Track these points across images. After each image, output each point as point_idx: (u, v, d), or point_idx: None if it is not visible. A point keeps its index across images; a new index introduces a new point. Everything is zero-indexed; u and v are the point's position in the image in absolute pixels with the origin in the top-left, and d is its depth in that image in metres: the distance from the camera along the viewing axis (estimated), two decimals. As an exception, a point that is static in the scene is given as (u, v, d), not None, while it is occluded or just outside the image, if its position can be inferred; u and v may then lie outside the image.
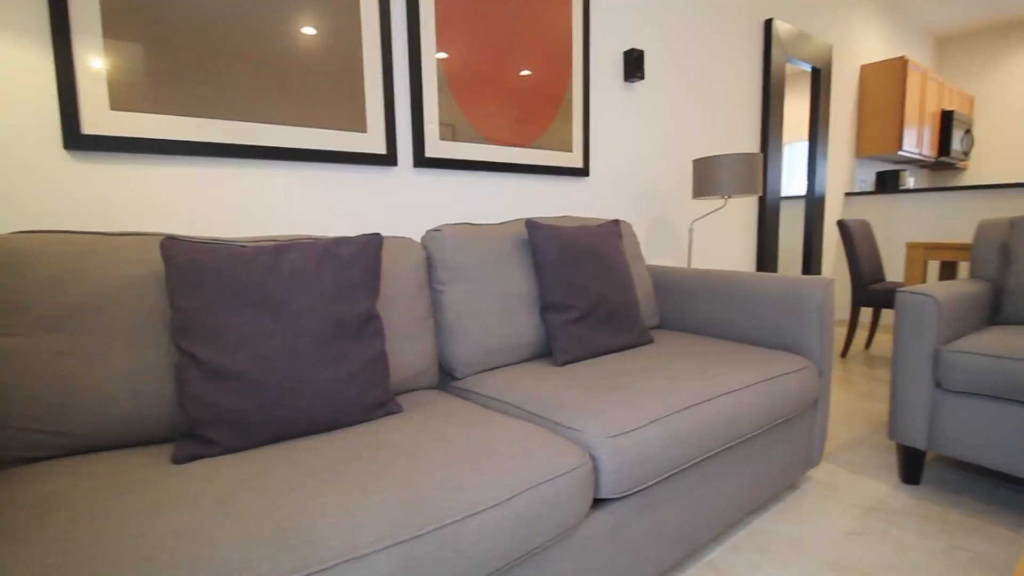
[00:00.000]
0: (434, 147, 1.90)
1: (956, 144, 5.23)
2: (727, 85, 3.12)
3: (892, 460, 1.83)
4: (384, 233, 1.82)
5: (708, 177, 2.38)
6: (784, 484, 1.54)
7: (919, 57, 5.55)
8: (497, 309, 1.50)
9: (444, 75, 1.90)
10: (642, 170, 2.67)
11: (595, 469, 0.99)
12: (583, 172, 2.37)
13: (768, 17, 3.36)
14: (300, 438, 1.02)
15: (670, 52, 2.74)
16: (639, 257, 2.01)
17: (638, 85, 2.60)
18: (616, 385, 1.22)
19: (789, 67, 3.72)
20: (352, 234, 1.75)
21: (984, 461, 1.48)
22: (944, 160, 5.18)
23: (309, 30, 1.58)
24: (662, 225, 2.81)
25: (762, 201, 3.48)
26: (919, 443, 1.59)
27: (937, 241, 2.71)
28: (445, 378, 1.52)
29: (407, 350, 1.34)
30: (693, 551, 1.31)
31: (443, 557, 0.73)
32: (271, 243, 1.15)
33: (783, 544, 1.37)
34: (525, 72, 2.13)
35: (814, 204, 4.02)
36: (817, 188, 4.03)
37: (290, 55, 1.56)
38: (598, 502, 1.04)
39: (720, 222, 3.21)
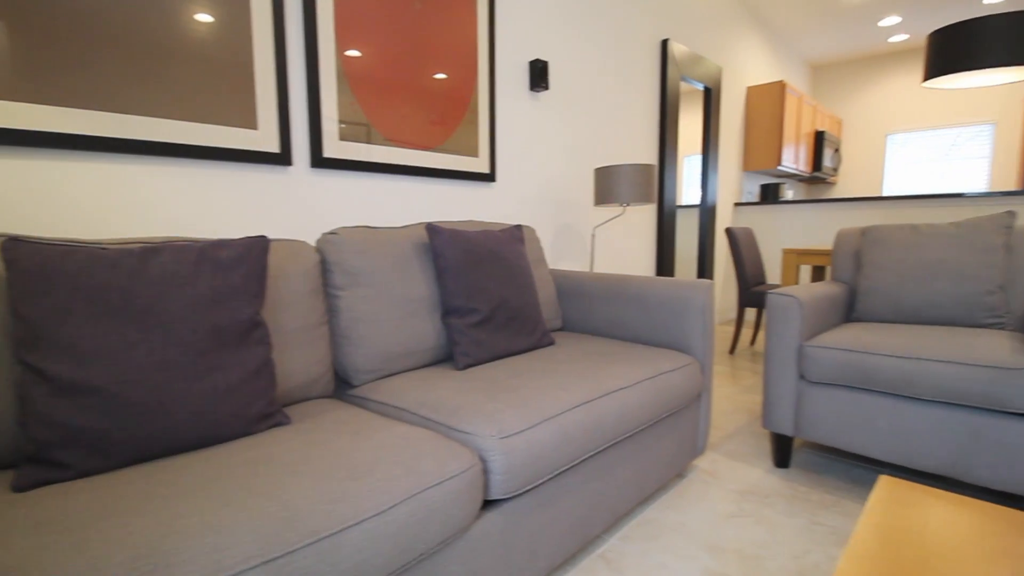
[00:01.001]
0: (333, 147, 1.84)
1: (827, 161, 5.88)
2: (628, 99, 3.30)
3: (767, 447, 2.02)
4: (279, 237, 1.73)
5: (608, 185, 2.49)
6: (672, 474, 1.64)
7: (796, 82, 6.18)
8: (396, 314, 1.48)
9: (344, 73, 1.85)
10: (548, 177, 2.75)
11: (485, 471, 1.00)
12: (489, 178, 2.40)
13: (665, 38, 3.59)
14: (171, 456, 0.94)
15: (574, 65, 2.85)
16: (542, 261, 2.06)
17: (543, 95, 2.67)
18: (512, 387, 1.25)
19: (684, 86, 4.00)
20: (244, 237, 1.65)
21: (841, 444, 1.67)
22: (817, 175, 5.80)
23: (194, 15, 1.48)
24: (568, 231, 2.91)
25: (660, 209, 3.71)
26: (787, 430, 1.77)
27: (808, 248, 3.03)
28: (342, 386, 1.47)
29: (298, 358, 1.29)
30: (586, 544, 1.37)
31: (319, 571, 0.71)
32: (139, 245, 1.06)
33: (669, 530, 1.46)
34: (431, 76, 2.12)
35: (707, 213, 4.34)
36: (709, 198, 4.36)
37: (171, 41, 1.44)
38: (489, 503, 1.05)
39: (622, 228, 3.38)
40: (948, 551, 0.80)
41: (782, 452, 1.83)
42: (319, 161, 1.79)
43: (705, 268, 4.43)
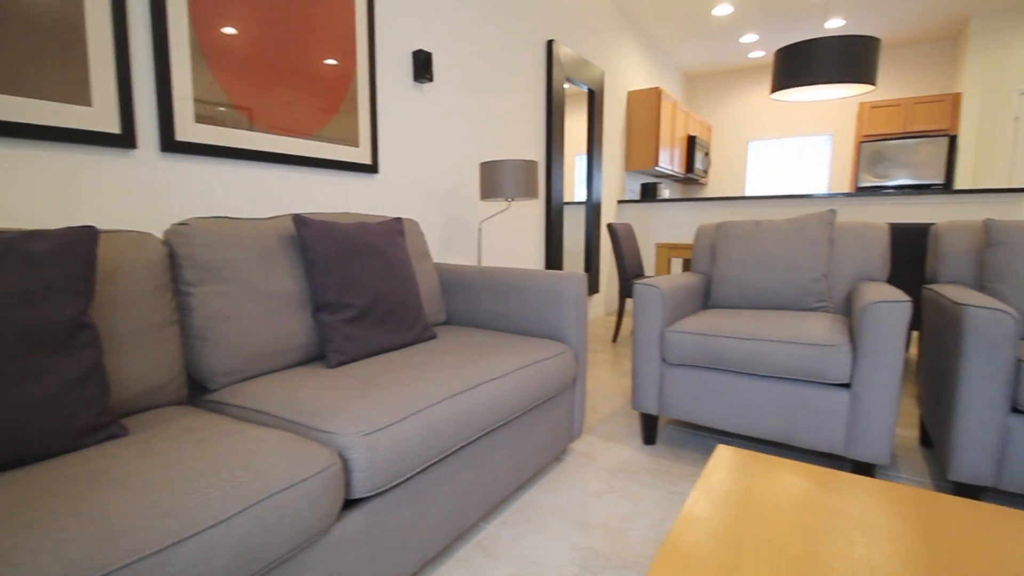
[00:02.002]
0: (188, 130, 1.68)
1: (698, 164, 6.43)
2: (515, 96, 3.36)
3: (638, 427, 2.17)
4: (124, 229, 1.55)
5: (493, 180, 2.53)
6: (549, 458, 1.71)
7: (672, 89, 6.68)
8: (260, 311, 1.38)
9: (201, 48, 1.69)
10: (435, 171, 2.73)
11: (347, 469, 0.97)
12: (371, 169, 2.33)
13: (550, 38, 3.71)
14: (-38, 482, 0.81)
15: (460, 58, 2.84)
16: (426, 255, 2.04)
17: (428, 87, 2.64)
18: (383, 383, 1.22)
19: (571, 88, 4.15)
20: (73, 227, 1.45)
21: (697, 419, 1.85)
22: (690, 176, 6.32)
23: (-6, -30, 1.26)
24: (456, 225, 2.91)
25: (548, 205, 3.84)
26: (652, 410, 1.92)
27: (677, 242, 3.29)
28: (198, 391, 1.35)
29: (140, 362, 1.16)
30: (462, 533, 1.39)
31: (142, 593, 0.65)
32: (-83, 236, 0.90)
33: (544, 513, 1.53)
34: (305, 59, 2.01)
35: (592, 209, 4.56)
36: (595, 195, 4.58)
37: (-37, -2, 1.23)
38: (353, 502, 1.02)
39: (511, 223, 3.44)
40: (767, 507, 0.91)
41: (649, 430, 1.98)
42: (171, 145, 1.63)
43: (591, 262, 4.66)
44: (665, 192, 5.91)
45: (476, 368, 1.37)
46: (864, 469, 1.59)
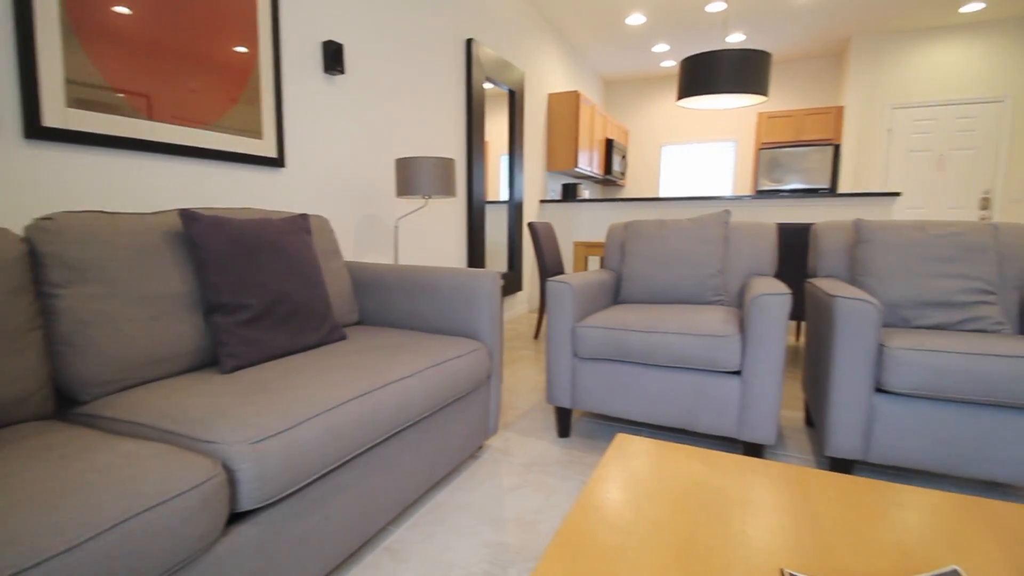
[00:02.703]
0: (58, 115, 1.51)
1: (616, 166, 6.67)
2: (434, 94, 3.32)
3: (554, 421, 2.22)
4: (-29, 222, 1.37)
5: (409, 177, 2.48)
6: (464, 456, 1.71)
7: (591, 93, 6.89)
8: (142, 315, 1.27)
9: (73, 26, 1.52)
10: (349, 167, 2.64)
11: (232, 481, 0.92)
12: (277, 163, 2.21)
13: (469, 37, 3.70)
14: None
15: (375, 52, 2.77)
16: (335, 253, 1.97)
17: (340, 79, 2.55)
18: (280, 387, 1.16)
19: (493, 88, 4.17)
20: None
21: (607, 410, 1.91)
22: (609, 178, 6.55)
23: None
24: (372, 222, 2.84)
25: (470, 203, 3.83)
26: (566, 403, 1.96)
27: (593, 241, 3.40)
28: (68, 404, 1.22)
29: (-11, 374, 1.03)
30: (369, 538, 1.35)
31: (-31, 634, 0.57)
32: None
33: (457, 511, 1.52)
34: (199, 43, 1.87)
35: (515, 208, 4.61)
36: (517, 195, 4.63)
37: None
38: (241, 515, 0.96)
39: (430, 221, 3.40)
40: (657, 491, 0.95)
41: (563, 423, 2.02)
42: (37, 131, 1.46)
43: (515, 260, 4.71)
44: (585, 193, 6.08)
45: (384, 368, 1.34)
46: (754, 450, 1.71)
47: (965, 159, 5.31)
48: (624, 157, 7.09)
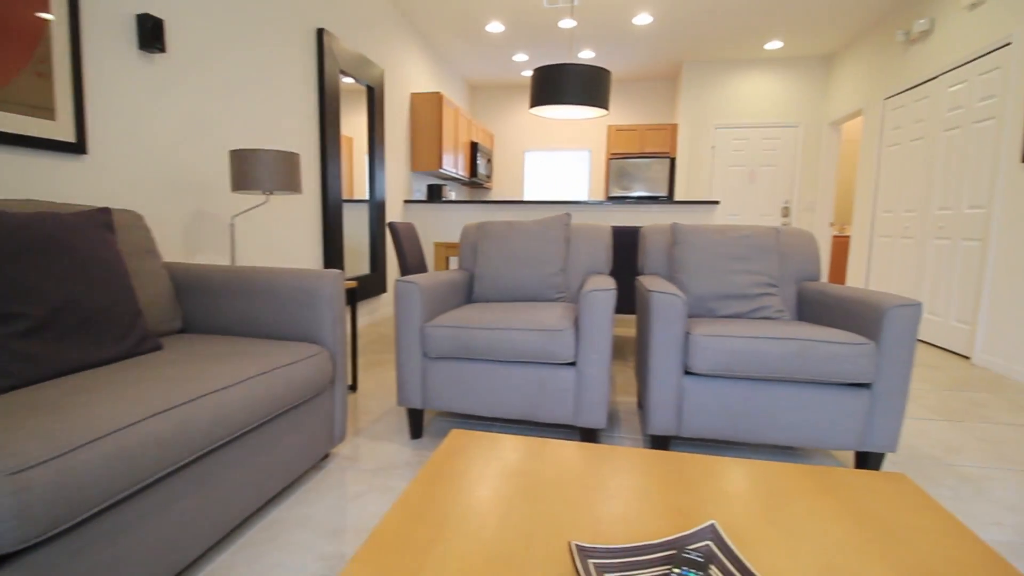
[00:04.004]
0: None
1: (482, 169, 6.81)
2: (280, 83, 3.10)
3: (407, 423, 2.20)
4: None
5: (246, 171, 2.29)
6: (305, 467, 1.62)
7: (456, 96, 6.95)
8: None
9: None
10: (174, 157, 2.36)
11: (-22, 521, 0.77)
12: (77, 148, 1.91)
13: (320, 27, 3.52)
14: None
15: (205, 31, 2.51)
16: (150, 252, 1.75)
17: (161, 59, 2.27)
18: (59, 408, 1.00)
19: (351, 83, 4.01)
20: None
21: (457, 408, 1.94)
22: (475, 180, 6.66)
23: None
24: (206, 220, 2.57)
25: (325, 201, 3.64)
26: (417, 404, 1.96)
27: (453, 242, 3.42)
28: None
29: None
30: (185, 568, 1.22)
31: None
32: None
33: (294, 527, 1.43)
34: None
35: (376, 208, 4.49)
36: (378, 194, 4.51)
37: None
38: (2, 559, 0.82)
39: (280, 220, 3.18)
40: (478, 482, 0.99)
41: (416, 425, 2.01)
42: None
43: (377, 262, 4.58)
44: (451, 194, 6.11)
45: (199, 380, 1.22)
46: (589, 434, 1.86)
47: (770, 174, 6.27)
48: (490, 161, 7.25)
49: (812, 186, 6.18)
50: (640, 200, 4.43)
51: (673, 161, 6.47)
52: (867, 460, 1.73)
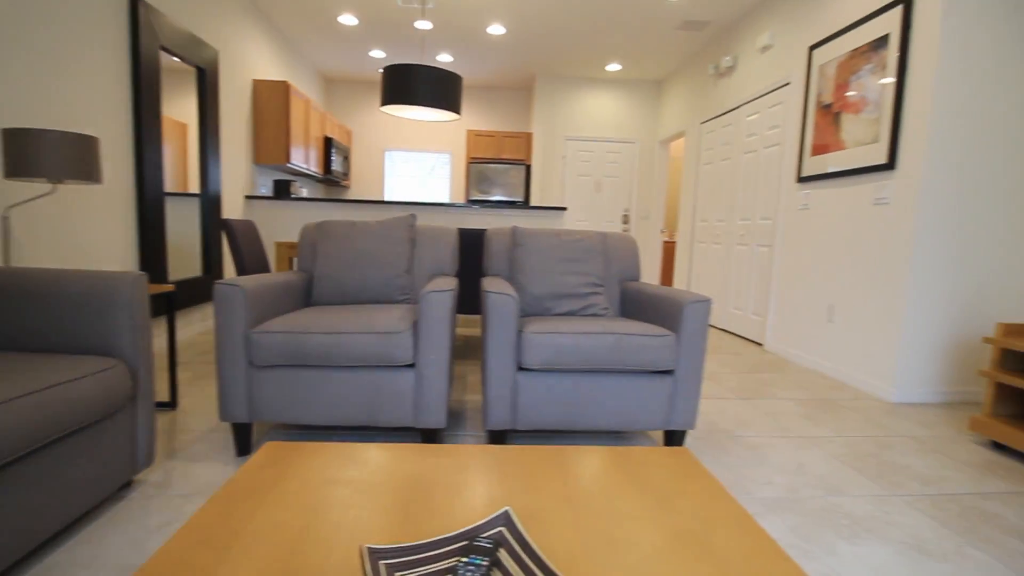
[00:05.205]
0: None
1: (337, 166, 6.49)
2: (76, 55, 2.65)
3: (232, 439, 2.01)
4: None
5: (26, 155, 1.93)
6: (96, 500, 1.40)
7: (307, 88, 6.54)
8: None
9: None
10: (-87, 132, 1.90)
11: None
12: None
13: (132, -6, 3.08)
14: None
15: (-39, -18, 2.06)
16: None
17: None
18: None
19: (176, 62, 3.57)
20: None
21: (290, 419, 1.82)
22: (330, 177, 6.33)
23: None
24: (-34, 212, 2.11)
25: (141, 194, 3.20)
26: (243, 418, 1.80)
27: (290, 241, 3.22)
28: None
29: None
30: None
31: None
32: None
33: (77, 570, 1.24)
34: None
35: (210, 203, 4.05)
36: (212, 187, 4.08)
37: None
38: None
39: (77, 213, 2.72)
40: (279, 496, 0.94)
41: (242, 440, 1.85)
42: None
43: (212, 263, 4.14)
44: (303, 191, 5.75)
45: (-72, 406, 1.00)
46: (430, 435, 1.87)
47: (613, 184, 6.87)
48: (347, 158, 6.95)
49: (647, 197, 6.89)
50: (498, 204, 4.57)
51: (529, 168, 6.78)
52: (673, 437, 1.98)
